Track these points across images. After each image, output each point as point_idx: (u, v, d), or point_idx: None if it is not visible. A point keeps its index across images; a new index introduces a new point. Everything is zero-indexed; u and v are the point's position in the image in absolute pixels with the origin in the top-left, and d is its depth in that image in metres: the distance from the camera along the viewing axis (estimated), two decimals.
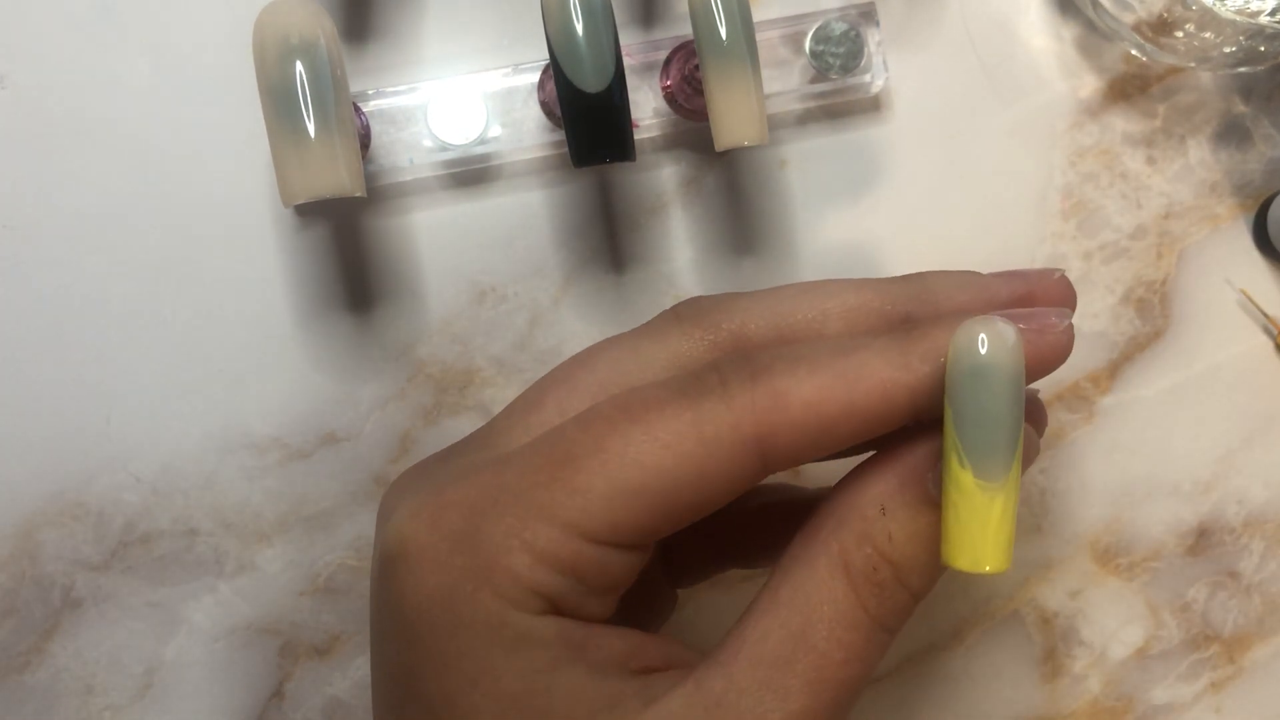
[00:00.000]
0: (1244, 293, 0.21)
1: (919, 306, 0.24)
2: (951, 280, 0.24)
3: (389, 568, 0.22)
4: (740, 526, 0.28)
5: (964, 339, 0.21)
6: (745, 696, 0.21)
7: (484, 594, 0.21)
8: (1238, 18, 0.30)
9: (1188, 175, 0.33)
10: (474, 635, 0.21)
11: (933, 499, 0.21)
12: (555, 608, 0.21)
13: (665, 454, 0.21)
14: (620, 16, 0.32)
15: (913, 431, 0.22)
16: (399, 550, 0.21)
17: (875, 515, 0.22)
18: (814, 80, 0.32)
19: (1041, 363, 0.22)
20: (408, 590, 0.21)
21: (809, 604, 0.21)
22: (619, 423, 0.21)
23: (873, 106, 0.33)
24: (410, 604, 0.21)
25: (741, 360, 0.22)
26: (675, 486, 0.21)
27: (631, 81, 0.30)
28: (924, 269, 0.33)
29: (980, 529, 0.20)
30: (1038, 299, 0.24)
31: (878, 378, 0.21)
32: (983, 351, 0.20)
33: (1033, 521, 0.33)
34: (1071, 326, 0.22)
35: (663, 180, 0.33)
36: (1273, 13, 0.30)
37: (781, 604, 0.21)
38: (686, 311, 0.25)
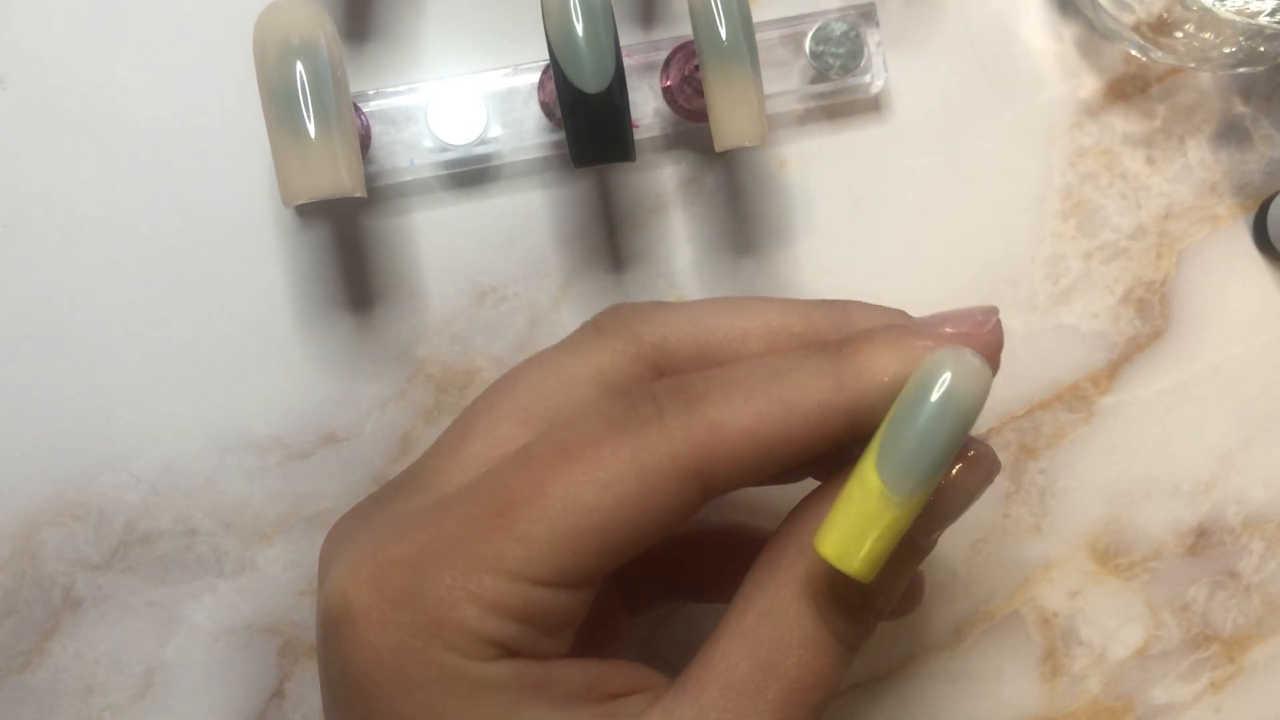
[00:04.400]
0: None
1: (840, 336, 0.24)
2: (875, 317, 0.24)
3: (332, 630, 0.21)
4: (691, 561, 0.28)
5: (932, 367, 0.21)
6: None
7: (434, 649, 0.20)
8: (1237, 18, 0.30)
9: (1187, 175, 0.33)
10: (428, 691, 0.21)
11: None
12: (510, 652, 0.21)
13: (605, 494, 0.21)
14: (620, 16, 0.32)
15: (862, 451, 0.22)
16: (342, 612, 0.21)
17: None
18: (814, 80, 0.32)
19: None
20: (355, 652, 0.21)
21: (777, 631, 0.22)
22: (556, 465, 0.21)
23: (873, 106, 0.33)
24: (359, 666, 0.21)
25: (675, 388, 0.22)
26: (618, 525, 0.21)
27: (631, 81, 0.30)
28: (924, 270, 0.33)
29: (862, 530, 0.20)
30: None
31: (813, 400, 0.21)
32: (944, 386, 0.21)
33: (1033, 521, 0.33)
34: (1000, 325, 0.23)
35: (663, 180, 0.33)
36: (1272, 13, 0.30)
37: (748, 631, 0.22)
38: (607, 323, 0.24)
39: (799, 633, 0.22)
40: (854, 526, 0.21)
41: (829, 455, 0.22)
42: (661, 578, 0.29)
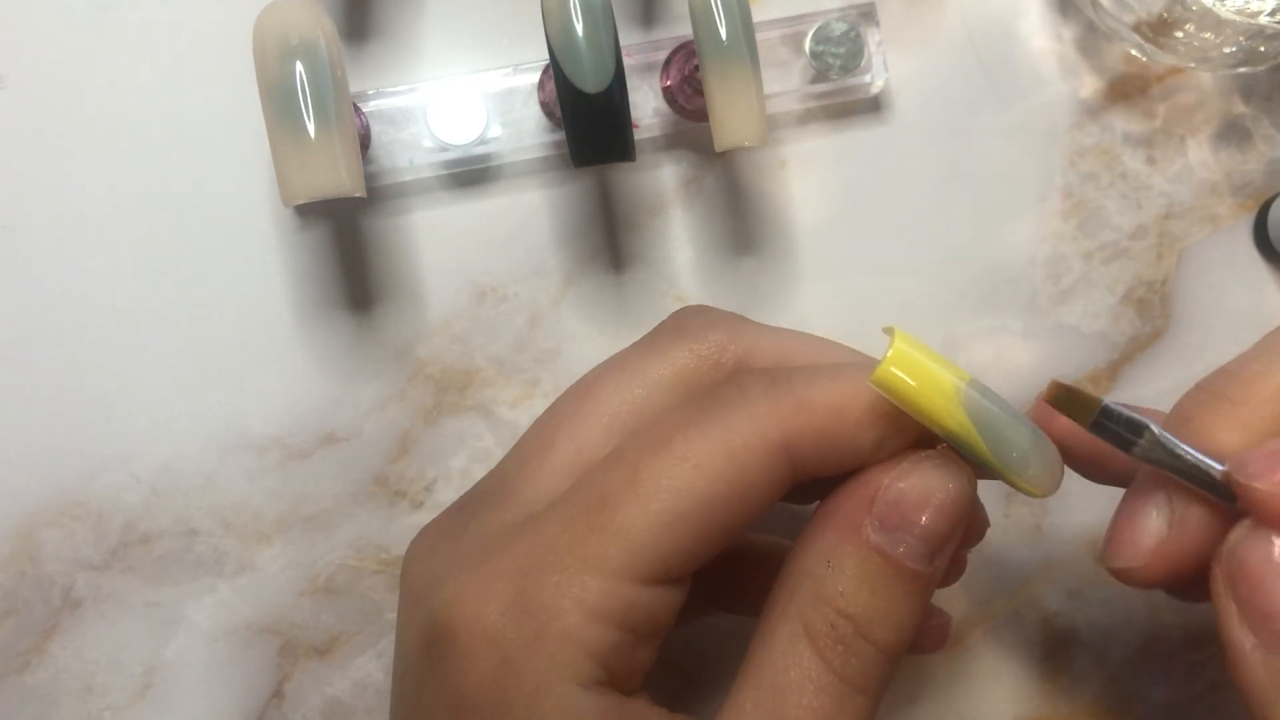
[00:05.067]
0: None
1: None
2: None
3: (439, 649, 0.21)
4: (728, 572, 0.28)
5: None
6: None
7: (534, 663, 0.20)
8: (1238, 18, 0.30)
9: (1188, 175, 0.33)
10: (515, 716, 0.20)
11: (875, 545, 0.21)
12: (606, 666, 0.21)
13: (698, 475, 0.21)
14: (620, 16, 0.32)
15: (843, 484, 0.22)
16: (448, 630, 0.21)
17: (823, 571, 0.21)
18: (814, 80, 0.32)
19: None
20: (462, 673, 0.21)
21: (775, 675, 0.21)
22: (647, 454, 0.21)
23: (873, 106, 0.33)
24: (464, 688, 0.21)
25: (759, 373, 0.22)
26: (713, 505, 0.21)
27: (631, 81, 0.30)
28: (924, 270, 0.33)
29: (923, 364, 0.21)
30: None
31: None
32: (1039, 448, 0.22)
33: (1033, 522, 0.33)
34: None
35: (663, 180, 0.32)
36: (1272, 13, 0.30)
37: (751, 680, 0.21)
38: (691, 324, 0.25)
39: (796, 674, 0.21)
40: (922, 362, 0.21)
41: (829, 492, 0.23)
42: (705, 589, 0.28)
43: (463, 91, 0.31)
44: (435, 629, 0.21)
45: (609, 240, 0.32)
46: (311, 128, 0.25)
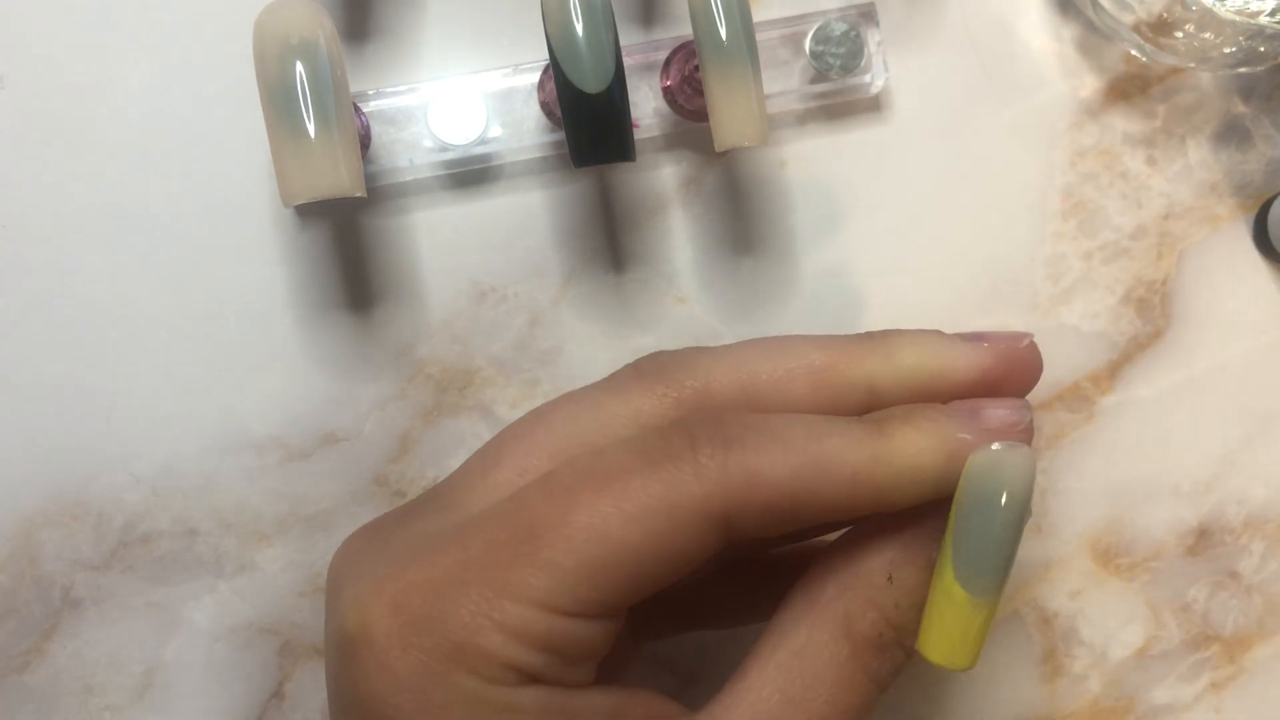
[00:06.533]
0: None
1: (884, 373, 0.23)
2: (916, 347, 0.24)
3: (350, 651, 0.21)
4: (707, 589, 0.28)
5: (989, 474, 0.21)
6: None
7: (457, 674, 0.20)
8: (1238, 18, 0.30)
9: (1188, 175, 0.33)
10: (449, 715, 0.20)
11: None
12: (534, 679, 0.21)
13: (632, 528, 0.20)
14: (620, 16, 0.32)
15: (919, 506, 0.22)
16: (360, 633, 0.21)
17: (883, 583, 0.22)
18: (814, 80, 0.32)
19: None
20: (372, 676, 0.21)
21: (811, 668, 0.21)
22: (582, 493, 0.21)
23: (873, 106, 0.33)
24: (376, 690, 0.21)
25: (712, 424, 0.22)
26: (643, 559, 0.20)
27: (631, 81, 0.30)
28: (924, 270, 0.33)
29: (961, 636, 0.21)
30: (1005, 369, 0.24)
31: (849, 468, 0.21)
32: (1006, 492, 0.21)
33: (1033, 521, 0.33)
34: (1031, 423, 0.23)
35: (663, 180, 0.33)
36: (1272, 13, 0.30)
37: (781, 666, 0.22)
38: (648, 367, 0.24)
39: (834, 671, 0.21)
40: (952, 634, 0.21)
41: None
42: (676, 606, 0.28)
43: (463, 91, 0.31)
44: (348, 630, 0.21)
45: (609, 240, 0.32)
46: (311, 128, 0.25)
